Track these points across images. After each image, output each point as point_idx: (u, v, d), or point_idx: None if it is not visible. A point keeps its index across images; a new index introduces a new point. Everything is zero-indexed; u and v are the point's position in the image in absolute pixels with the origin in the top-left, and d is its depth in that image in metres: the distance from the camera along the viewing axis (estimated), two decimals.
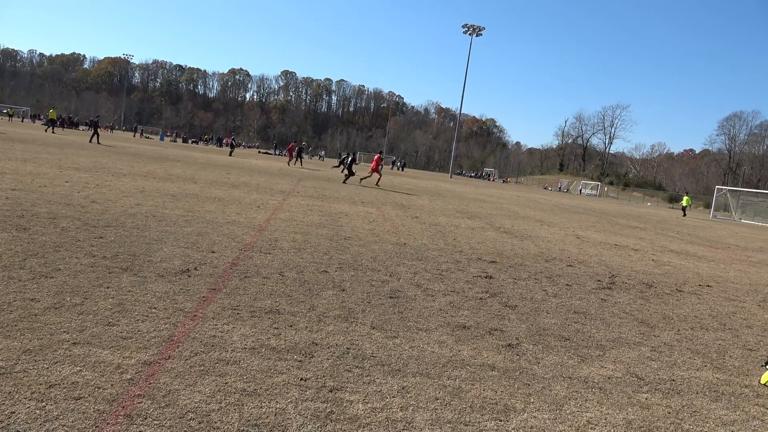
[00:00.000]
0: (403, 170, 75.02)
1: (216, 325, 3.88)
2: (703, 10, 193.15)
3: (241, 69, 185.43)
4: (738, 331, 5.80)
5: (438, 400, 3.14)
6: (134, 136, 69.10)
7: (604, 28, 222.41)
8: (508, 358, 4.02)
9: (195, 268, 5.35)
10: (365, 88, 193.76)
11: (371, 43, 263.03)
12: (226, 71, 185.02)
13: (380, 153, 28.45)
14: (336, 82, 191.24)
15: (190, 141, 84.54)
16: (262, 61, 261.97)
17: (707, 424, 3.31)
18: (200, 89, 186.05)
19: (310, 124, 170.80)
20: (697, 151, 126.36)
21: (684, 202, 43.21)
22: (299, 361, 3.44)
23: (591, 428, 3.05)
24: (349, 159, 27.04)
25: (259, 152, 67.74)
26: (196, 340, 3.55)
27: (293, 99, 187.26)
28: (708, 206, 55.75)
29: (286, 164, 36.59)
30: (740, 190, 53.21)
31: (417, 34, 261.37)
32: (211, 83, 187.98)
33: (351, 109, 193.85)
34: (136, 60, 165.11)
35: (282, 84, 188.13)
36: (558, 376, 3.79)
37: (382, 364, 3.58)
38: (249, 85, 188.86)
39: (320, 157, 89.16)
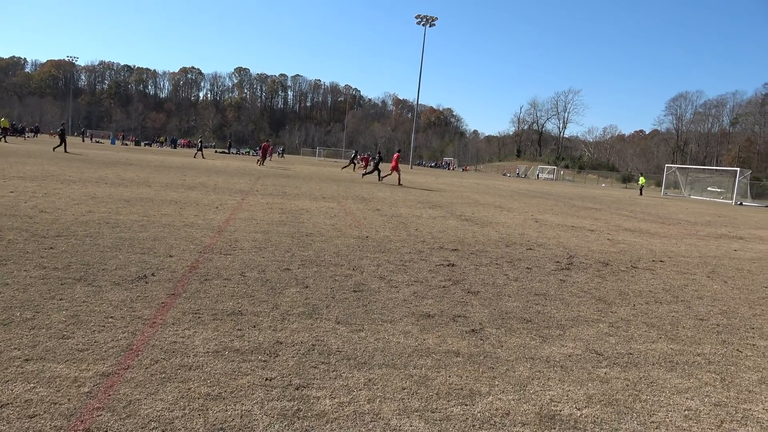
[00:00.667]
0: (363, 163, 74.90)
1: (177, 330, 3.80)
2: None
3: (193, 67, 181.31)
4: (690, 302, 6.05)
5: (405, 390, 3.17)
6: (83, 140, 66.60)
7: (553, 14, 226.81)
8: (472, 343, 4.08)
9: (152, 274, 5.22)
10: (321, 83, 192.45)
11: (326, 37, 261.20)
12: (177, 70, 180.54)
13: (398, 152, 29.49)
14: (291, 77, 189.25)
15: (142, 143, 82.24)
16: (214, 58, 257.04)
17: (663, 394, 3.45)
18: (151, 90, 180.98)
19: (267, 121, 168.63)
20: (647, 132, 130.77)
21: (640, 182, 44.94)
22: (264, 361, 3.41)
23: (554, 405, 3.14)
24: (377, 158, 28.64)
25: (216, 152, 66.45)
26: (156, 347, 3.47)
27: (248, 96, 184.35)
28: (659, 184, 57.80)
29: (257, 164, 35.82)
30: (688, 168, 55.36)
31: (371, 27, 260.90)
32: (162, 83, 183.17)
33: (308, 104, 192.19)
34: (81, 62, 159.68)
35: (236, 81, 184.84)
36: (521, 357, 3.88)
37: (348, 358, 3.58)
38: (202, 84, 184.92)
39: (279, 153, 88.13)
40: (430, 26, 75.88)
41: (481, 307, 5.08)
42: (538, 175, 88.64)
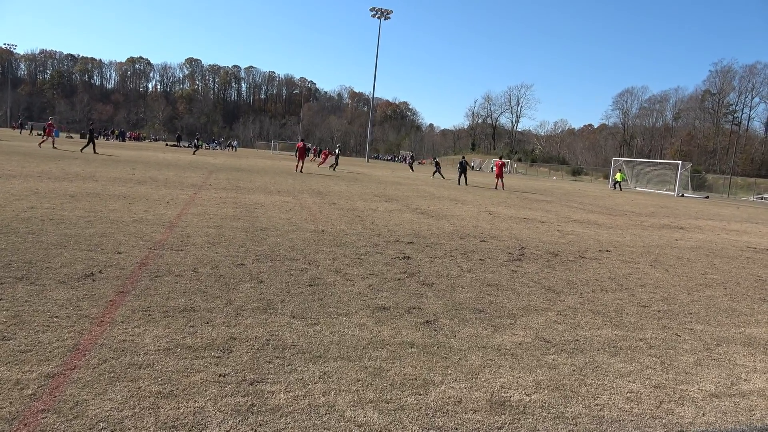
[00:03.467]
0: (318, 157, 74.42)
1: (126, 329, 3.71)
2: None
3: (141, 57, 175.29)
4: (633, 290, 6.32)
5: (359, 382, 3.20)
6: (20, 133, 63.06)
7: (506, 10, 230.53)
8: (426, 334, 4.15)
9: (100, 272, 5.06)
10: (276, 75, 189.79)
11: (280, 29, 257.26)
12: (124, 60, 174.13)
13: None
14: (245, 69, 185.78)
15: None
16: (163, 48, 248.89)
17: (607, 377, 3.61)
18: (96, 80, 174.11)
19: (220, 114, 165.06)
20: (595, 126, 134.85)
21: (618, 177, 42.74)
22: (217, 357, 3.37)
23: (504, 392, 3.24)
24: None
25: (167, 145, 64.56)
26: (104, 346, 3.38)
27: (200, 88, 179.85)
28: (607, 177, 59.76)
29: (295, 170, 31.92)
30: (634, 161, 57.50)
31: (326, 19, 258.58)
32: (108, 73, 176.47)
33: (262, 96, 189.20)
34: (20, 50, 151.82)
35: (187, 72, 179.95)
36: (473, 346, 3.98)
37: (303, 352, 3.59)
38: (151, 75, 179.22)
39: (233, 147, 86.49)
40: (385, 19, 75.83)
41: (436, 299, 5.17)
42: (492, 168, 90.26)
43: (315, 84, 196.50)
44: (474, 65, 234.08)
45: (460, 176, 29.31)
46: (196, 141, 53.73)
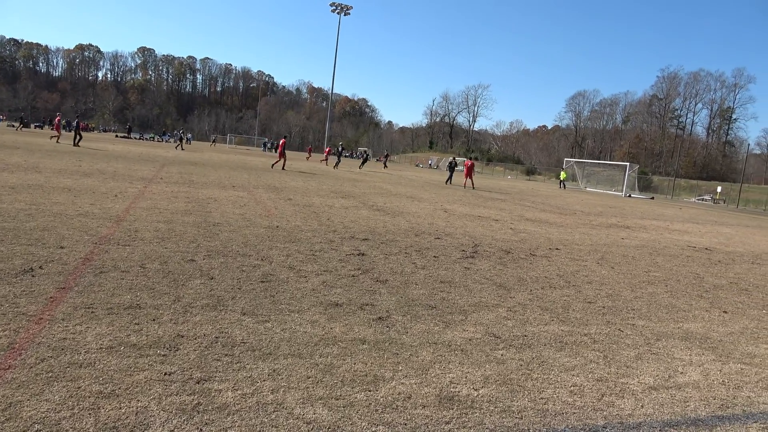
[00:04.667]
0: (276, 152, 73.50)
1: (66, 326, 3.56)
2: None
3: (90, 45, 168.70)
4: (580, 287, 6.52)
5: (309, 379, 3.18)
6: None
7: (465, 9, 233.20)
8: (378, 330, 4.17)
9: (40, 267, 4.85)
10: (233, 67, 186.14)
11: (238, 20, 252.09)
12: (72, 47, 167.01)
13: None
14: (200, 60, 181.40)
15: (33, 126, 75.55)
16: (114, 36, 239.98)
17: (552, 372, 3.72)
18: (42, 67, 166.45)
19: (174, 106, 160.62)
20: (549, 127, 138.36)
21: (561, 176, 47.71)
22: (163, 355, 3.29)
23: (453, 387, 3.28)
24: (450, 163, 30.63)
25: (117, 136, 62.35)
26: (42, 345, 3.24)
27: (153, 78, 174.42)
28: (558, 177, 61.39)
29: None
30: (585, 162, 59.28)
31: (284, 12, 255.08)
32: (55, 60, 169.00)
33: (218, 89, 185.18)
34: None
35: (139, 62, 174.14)
36: (425, 342, 4.01)
37: (253, 349, 3.54)
38: (101, 63, 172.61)
39: (187, 140, 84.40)
40: (345, 15, 75.45)
41: (389, 295, 5.19)
42: (448, 166, 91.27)
43: (273, 78, 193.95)
44: (433, 64, 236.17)
45: (450, 176, 31.30)
46: (180, 133, 52.20)
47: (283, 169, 27.24)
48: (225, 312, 4.20)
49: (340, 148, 40.82)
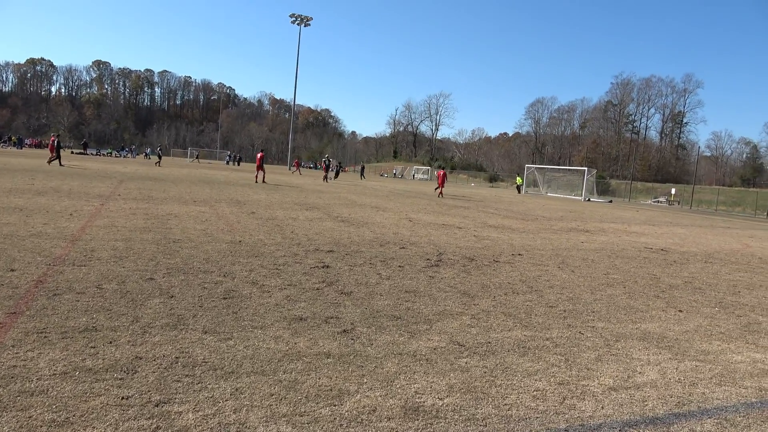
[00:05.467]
0: (239, 165, 72.66)
1: (17, 353, 3.42)
2: (505, 8, 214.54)
3: (42, 59, 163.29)
4: (542, 291, 6.65)
5: (273, 396, 3.14)
6: None
7: (425, 19, 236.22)
8: (343, 343, 4.15)
9: None
10: (192, 80, 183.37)
11: (196, 33, 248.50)
12: (23, 61, 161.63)
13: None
14: (158, 73, 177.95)
15: None
16: (68, 50, 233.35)
17: (516, 377, 3.77)
18: None
19: (131, 120, 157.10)
20: (510, 134, 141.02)
21: (517, 181, 50.24)
22: (120, 379, 3.19)
23: (418, 397, 3.29)
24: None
25: (72, 153, 60.51)
26: None
27: (110, 92, 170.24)
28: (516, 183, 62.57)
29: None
30: (545, 168, 60.58)
31: (244, 24, 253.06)
32: (5, 75, 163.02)
33: (178, 102, 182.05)
34: None
35: (95, 75, 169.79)
36: (389, 353, 4.02)
37: (215, 368, 3.47)
38: (54, 78, 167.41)
39: (146, 154, 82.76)
40: (305, 26, 75.48)
41: (354, 307, 5.17)
42: (413, 175, 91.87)
43: (234, 90, 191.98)
44: (395, 73, 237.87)
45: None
46: (159, 151, 52.20)
47: (263, 182, 27.67)
48: (186, 331, 4.11)
49: (327, 161, 40.60)
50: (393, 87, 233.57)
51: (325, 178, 37.72)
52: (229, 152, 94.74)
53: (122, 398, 2.95)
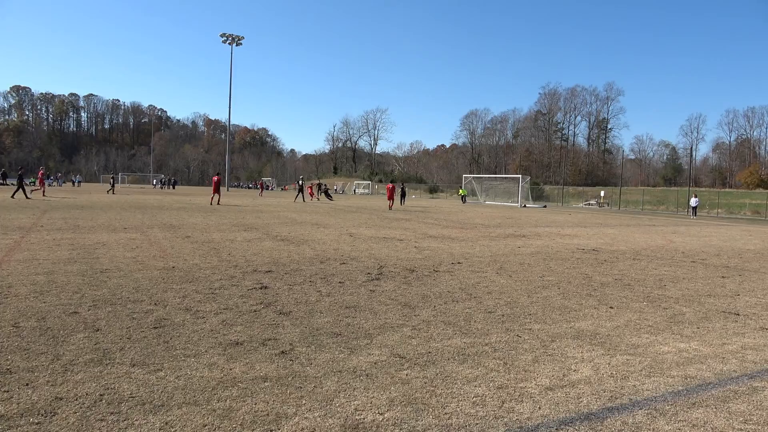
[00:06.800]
0: (174, 188, 70.41)
1: None
2: (440, 22, 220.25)
3: None
4: (481, 298, 6.75)
5: (206, 427, 3.00)
6: None
7: (356, 34, 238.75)
8: (281, 365, 4.04)
9: None
10: (121, 103, 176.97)
11: (122, 55, 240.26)
12: None
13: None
14: (84, 97, 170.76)
15: None
16: None
17: (455, 385, 3.78)
18: None
19: (56, 147, 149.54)
20: (447, 146, 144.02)
21: (461, 192, 52.83)
22: (37, 423, 2.96)
23: (358, 414, 3.24)
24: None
25: None
26: None
27: (31, 118, 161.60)
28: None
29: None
30: (482, 177, 62.16)
31: (172, 44, 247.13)
32: None
33: (107, 126, 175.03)
34: None
35: (13, 102, 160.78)
36: (329, 372, 3.94)
37: (143, 402, 3.29)
38: None
39: (74, 182, 78.95)
40: (237, 45, 74.59)
41: (293, 327, 5.07)
42: (355, 190, 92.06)
43: (166, 112, 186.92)
44: (331, 90, 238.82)
45: (401, 199, 38.03)
46: (111, 179, 51.10)
47: (218, 203, 28.39)
48: (112, 366, 3.89)
49: (300, 183, 42.73)
50: (330, 103, 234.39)
51: (297, 198, 39.06)
52: (162, 176, 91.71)
53: None
